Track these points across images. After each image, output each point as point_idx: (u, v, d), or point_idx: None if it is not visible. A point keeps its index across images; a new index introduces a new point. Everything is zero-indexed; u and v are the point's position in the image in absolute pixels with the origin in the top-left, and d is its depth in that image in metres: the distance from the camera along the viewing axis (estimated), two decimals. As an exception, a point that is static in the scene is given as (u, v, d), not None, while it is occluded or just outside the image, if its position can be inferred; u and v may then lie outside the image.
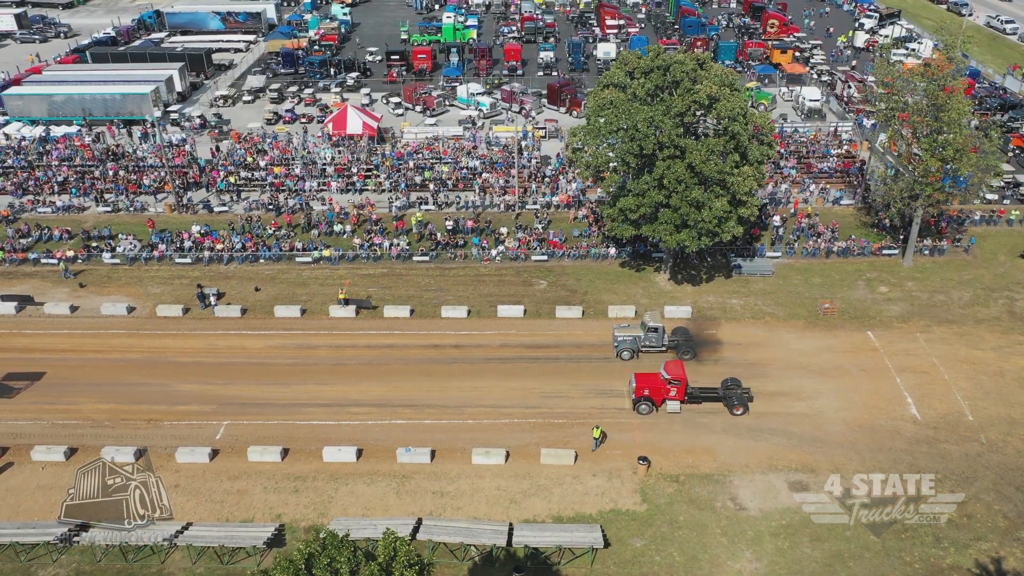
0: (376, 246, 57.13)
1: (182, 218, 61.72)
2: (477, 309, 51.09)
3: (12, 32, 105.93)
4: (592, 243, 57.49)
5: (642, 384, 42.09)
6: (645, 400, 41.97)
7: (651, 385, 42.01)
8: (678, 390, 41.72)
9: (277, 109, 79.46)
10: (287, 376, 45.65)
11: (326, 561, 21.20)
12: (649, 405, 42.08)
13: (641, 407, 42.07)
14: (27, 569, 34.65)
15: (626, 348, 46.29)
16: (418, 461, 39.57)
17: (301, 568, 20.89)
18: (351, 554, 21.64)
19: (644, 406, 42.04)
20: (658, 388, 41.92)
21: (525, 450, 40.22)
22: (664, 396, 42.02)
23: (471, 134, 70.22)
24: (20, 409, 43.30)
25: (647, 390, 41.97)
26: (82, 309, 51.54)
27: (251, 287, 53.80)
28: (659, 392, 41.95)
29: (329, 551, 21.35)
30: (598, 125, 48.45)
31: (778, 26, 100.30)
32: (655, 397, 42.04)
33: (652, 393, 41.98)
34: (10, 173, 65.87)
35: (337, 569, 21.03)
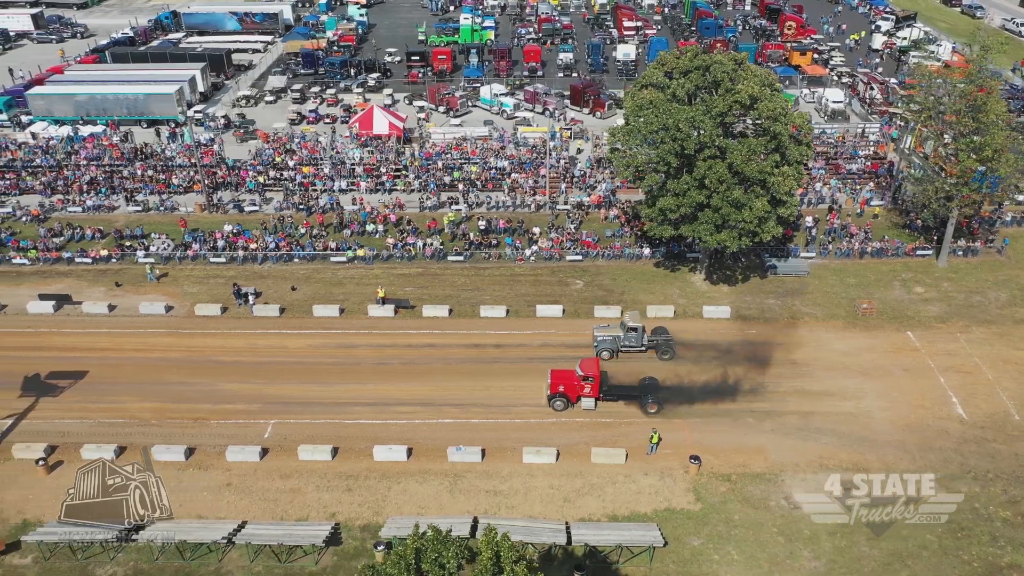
0: (410, 246, 57.11)
1: (213, 218, 61.68)
2: (515, 309, 51.10)
3: (29, 32, 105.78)
4: (626, 243, 57.54)
5: (557, 381, 42.35)
6: (560, 396, 42.25)
7: (566, 382, 42.26)
8: (592, 387, 42.00)
9: (300, 109, 79.43)
10: (330, 375, 45.60)
11: (433, 556, 21.20)
12: (564, 402, 42.37)
13: (556, 403, 42.38)
14: (84, 568, 34.55)
15: (605, 348, 46.34)
16: (469, 460, 39.57)
17: (411, 562, 20.87)
18: (458, 549, 21.65)
19: (559, 402, 42.37)
20: (572, 385, 42.20)
21: (575, 449, 40.24)
22: (579, 393, 42.33)
23: (499, 135, 70.20)
24: (65, 408, 43.20)
25: (562, 387, 42.25)
26: (120, 308, 51.46)
27: (286, 286, 53.77)
28: (573, 389, 42.26)
29: (436, 547, 21.34)
30: (638, 125, 48.47)
31: (795, 28, 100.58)
32: (570, 394, 42.32)
33: (567, 390, 42.25)
34: (38, 172, 65.66)
35: (444, 564, 21.06)
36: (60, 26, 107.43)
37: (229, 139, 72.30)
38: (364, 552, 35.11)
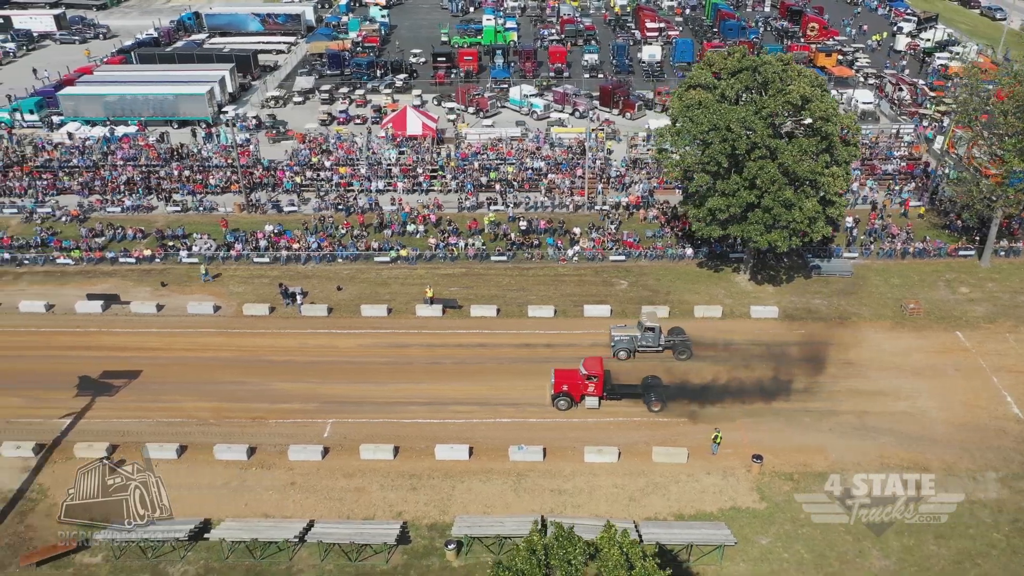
0: (452, 246, 57.20)
1: (252, 218, 61.78)
2: (563, 309, 51.19)
3: (51, 33, 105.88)
4: (667, 243, 57.66)
5: (560, 380, 42.42)
6: (563, 396, 42.32)
7: (569, 381, 42.32)
8: (596, 386, 42.07)
9: (330, 110, 79.54)
10: (383, 375, 45.66)
11: (561, 552, 21.29)
12: (567, 401, 42.43)
13: (559, 403, 42.44)
14: (155, 567, 34.62)
15: (623, 348, 46.37)
16: (530, 459, 39.65)
17: (543, 557, 20.96)
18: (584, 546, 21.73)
19: (562, 402, 42.43)
20: (576, 384, 42.24)
21: (635, 448, 40.32)
22: (583, 392, 42.39)
23: (533, 135, 70.33)
24: (122, 407, 43.26)
25: (565, 386, 42.30)
26: (167, 308, 51.53)
27: (331, 286, 53.84)
28: (577, 388, 42.31)
29: (563, 543, 21.44)
30: (687, 126, 48.59)
31: (818, 29, 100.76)
32: (573, 393, 42.36)
33: (571, 389, 42.28)
34: (75, 173, 65.73)
35: (571, 560, 21.15)
36: (83, 27, 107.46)
37: (261, 139, 72.37)
38: (434, 551, 35.22)
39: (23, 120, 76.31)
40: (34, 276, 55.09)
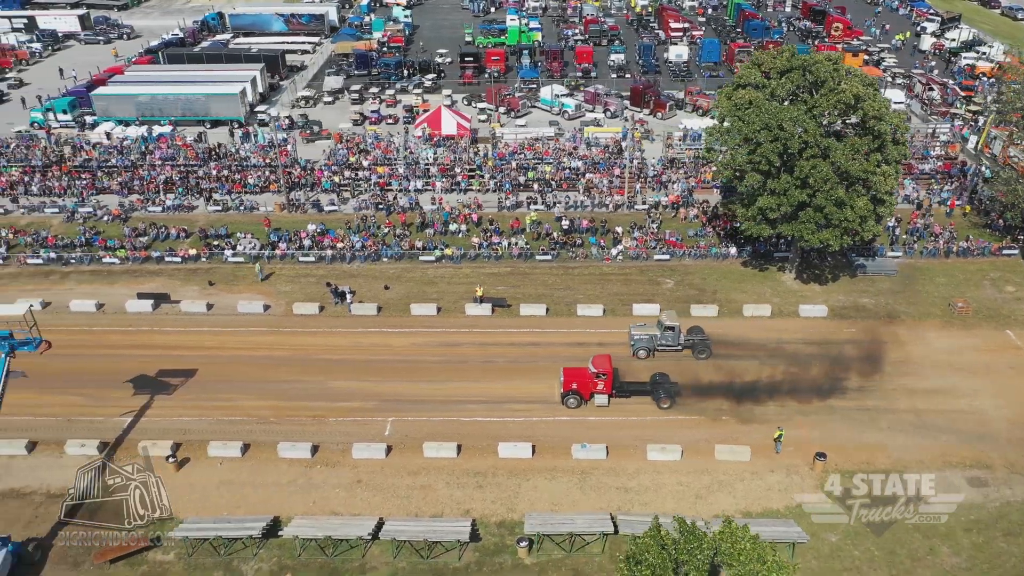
0: (496, 245, 57.33)
1: (293, 217, 61.94)
2: (611, 308, 51.30)
3: (76, 33, 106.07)
4: (710, 242, 57.79)
5: (570, 378, 42.57)
6: (573, 394, 42.45)
7: (579, 379, 42.47)
8: (605, 383, 42.25)
9: (362, 110, 79.69)
10: (439, 373, 45.75)
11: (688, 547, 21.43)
12: (577, 399, 42.56)
13: (569, 401, 42.57)
14: (229, 564, 34.73)
15: (642, 347, 46.47)
16: (594, 457, 39.78)
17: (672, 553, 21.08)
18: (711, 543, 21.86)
19: (572, 400, 42.55)
20: (586, 382, 42.42)
21: (697, 446, 40.43)
22: (592, 390, 42.54)
23: (571, 135, 70.48)
24: (181, 406, 43.38)
25: (575, 384, 42.44)
26: (217, 307, 51.65)
27: (378, 285, 53.97)
28: (587, 386, 42.47)
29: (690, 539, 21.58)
30: (738, 125, 48.72)
31: (843, 29, 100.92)
32: (583, 391, 42.49)
33: (580, 387, 42.42)
34: (114, 173, 65.87)
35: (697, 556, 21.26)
36: (107, 27, 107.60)
37: (295, 139, 72.46)
38: (504, 548, 35.35)
39: (56, 120, 76.27)
40: (81, 275, 55.21)
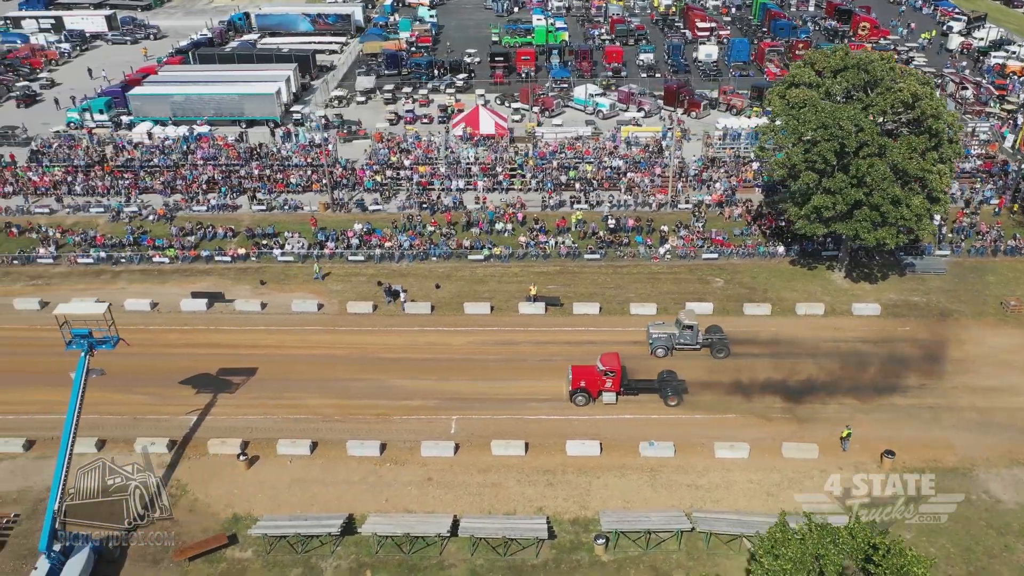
0: (543, 244, 57.47)
1: (337, 216, 62.09)
2: (664, 306, 51.40)
3: (103, 33, 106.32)
4: (757, 241, 57.91)
5: (578, 376, 42.74)
6: (581, 392, 42.59)
7: (587, 377, 42.64)
8: (613, 381, 42.41)
9: (396, 110, 79.89)
10: (499, 372, 45.86)
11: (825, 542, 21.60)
12: (585, 397, 42.73)
13: (577, 399, 42.71)
14: (307, 560, 34.91)
15: (661, 346, 46.57)
16: (661, 455, 39.91)
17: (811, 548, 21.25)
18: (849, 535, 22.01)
19: (580, 398, 42.70)
20: (594, 380, 42.56)
21: (763, 444, 40.55)
22: (600, 387, 42.72)
23: (611, 134, 70.62)
24: (245, 404, 43.57)
25: (583, 382, 42.56)
26: (271, 306, 51.83)
27: (428, 284, 54.12)
28: (595, 384, 42.61)
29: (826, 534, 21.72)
30: (792, 124, 48.84)
31: (870, 29, 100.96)
32: (591, 389, 42.65)
33: (588, 385, 42.58)
34: (156, 172, 66.07)
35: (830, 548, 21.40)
36: (133, 27, 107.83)
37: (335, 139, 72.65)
38: (580, 545, 35.52)
39: (92, 120, 76.49)
40: (132, 275, 55.42)
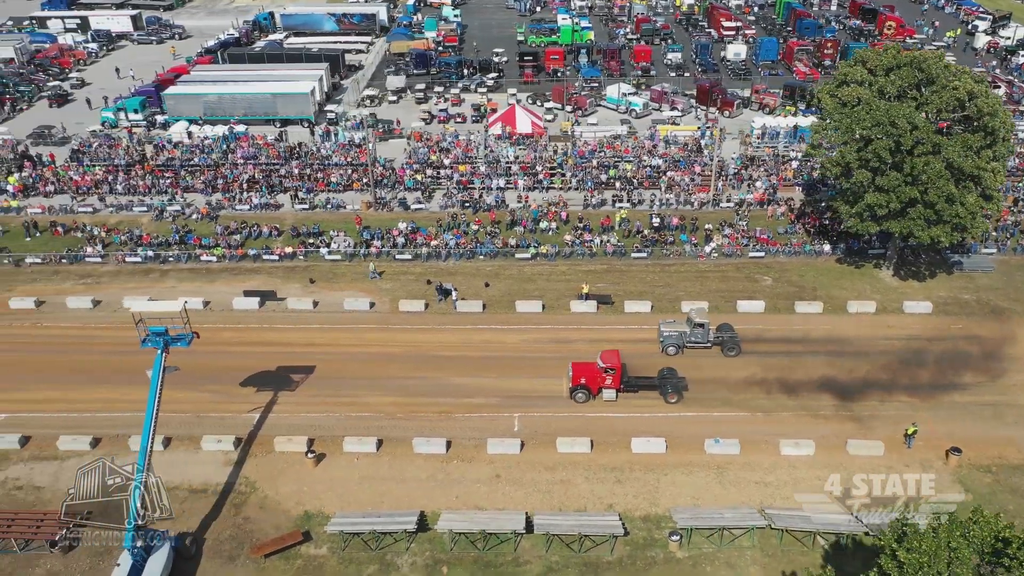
0: (589, 243, 57.56)
1: (380, 215, 62.21)
2: (715, 304, 51.44)
3: (128, 33, 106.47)
4: (802, 239, 57.99)
5: (579, 373, 42.90)
6: (581, 388, 42.74)
7: (587, 374, 42.79)
8: (613, 378, 42.57)
9: (429, 109, 80.00)
10: (557, 369, 45.68)
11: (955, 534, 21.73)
12: (585, 393, 42.87)
13: (577, 395, 42.87)
14: (383, 557, 35.00)
15: (672, 343, 46.65)
16: (727, 452, 39.97)
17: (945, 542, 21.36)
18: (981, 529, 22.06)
19: (580, 394, 42.85)
20: (594, 377, 42.72)
21: (828, 441, 40.61)
22: (600, 384, 42.87)
23: (650, 132, 70.71)
24: (307, 402, 43.66)
25: (583, 379, 42.71)
26: (323, 304, 51.92)
27: (476, 282, 54.21)
28: (595, 381, 42.78)
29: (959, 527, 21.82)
30: (845, 122, 48.91)
31: (895, 28, 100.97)
32: (591, 385, 42.79)
33: (588, 382, 42.73)
34: (197, 172, 66.19)
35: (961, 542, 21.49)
36: (158, 27, 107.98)
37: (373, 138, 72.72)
38: (654, 542, 35.62)
39: (127, 119, 76.62)
40: (180, 273, 55.55)
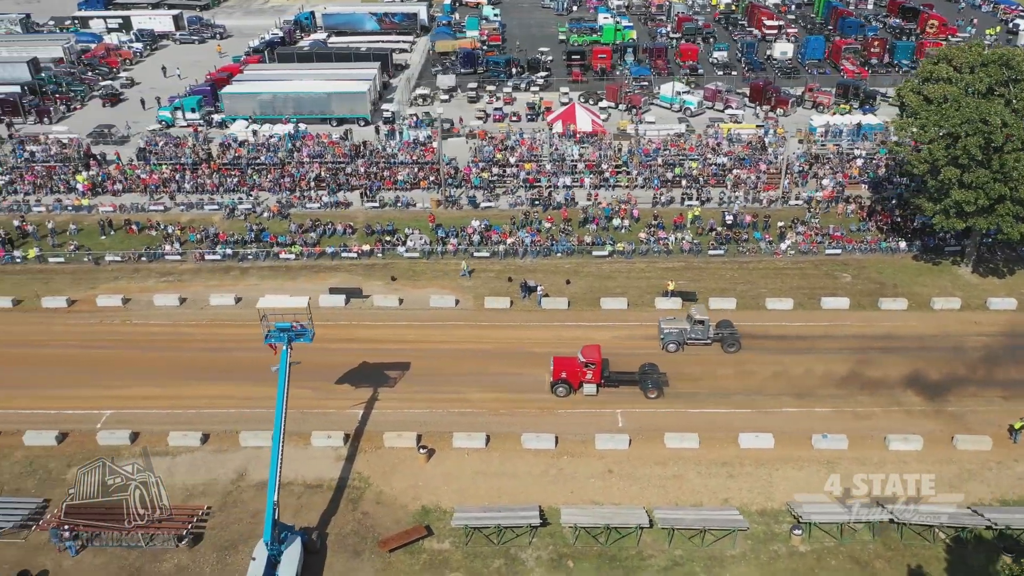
0: (664, 240, 57.75)
1: (451, 213, 62.39)
2: (799, 301, 51.61)
3: (170, 33, 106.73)
4: (876, 236, 58.19)
5: (559, 367, 43.19)
6: (562, 383, 43.09)
7: (568, 368, 43.06)
8: (594, 373, 42.80)
9: (485, 108, 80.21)
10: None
11: None
12: (566, 388, 43.21)
13: (558, 390, 43.22)
14: (507, 551, 35.20)
15: (672, 340, 46.87)
16: (835, 447, 40.15)
17: None
18: None
19: (561, 389, 43.22)
20: (575, 371, 42.97)
21: (934, 436, 40.82)
22: (581, 379, 43.12)
23: (713, 131, 70.88)
24: (408, 398, 43.83)
25: (564, 373, 43.03)
26: (407, 302, 52.10)
27: (555, 280, 54.37)
28: (575, 375, 43.05)
29: None
30: (934, 119, 49.11)
31: (938, 27, 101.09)
32: (572, 380, 43.10)
33: (569, 376, 43.02)
34: (263, 170, 66.42)
35: None
36: (200, 27, 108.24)
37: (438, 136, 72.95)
38: (774, 536, 35.85)
39: (184, 118, 76.88)
40: (261, 271, 55.75)
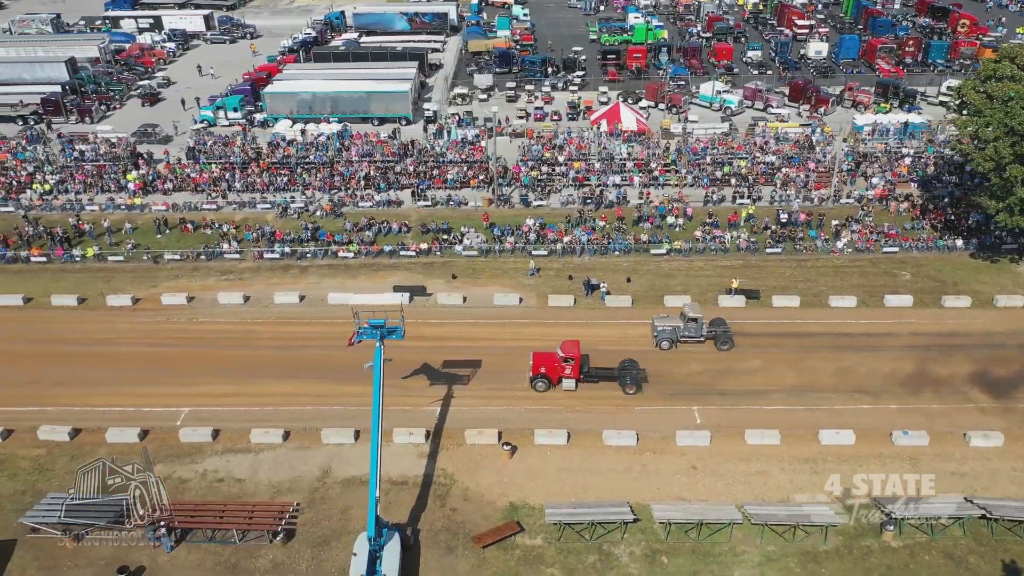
0: (720, 238, 57.87)
1: (503, 212, 62.50)
2: (862, 299, 51.71)
3: (201, 33, 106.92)
4: (931, 234, 58.33)
5: (538, 362, 43.44)
6: (541, 378, 43.30)
7: (547, 363, 43.31)
8: (573, 368, 43.02)
9: (525, 107, 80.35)
10: (723, 362, 46.14)
11: None
12: (545, 383, 43.42)
13: (537, 384, 43.42)
14: (599, 547, 35.31)
15: (665, 338, 47.04)
16: (916, 444, 40.25)
17: None
18: None
19: (540, 383, 43.41)
20: (553, 366, 43.21)
21: (1012, 433, 40.89)
22: (559, 374, 43.34)
23: (760, 129, 71.04)
24: (482, 395, 43.90)
25: (543, 368, 43.26)
26: (471, 299, 52.20)
27: (615, 277, 54.45)
28: (555, 370, 43.28)
29: None
30: (999, 117, 49.28)
31: (969, 26, 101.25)
32: (551, 375, 43.29)
33: (548, 371, 43.22)
34: (313, 169, 66.55)
35: None
36: (230, 27, 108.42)
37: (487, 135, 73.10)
38: (867, 532, 35.87)
39: (226, 117, 77.03)
40: (320, 270, 55.86)
